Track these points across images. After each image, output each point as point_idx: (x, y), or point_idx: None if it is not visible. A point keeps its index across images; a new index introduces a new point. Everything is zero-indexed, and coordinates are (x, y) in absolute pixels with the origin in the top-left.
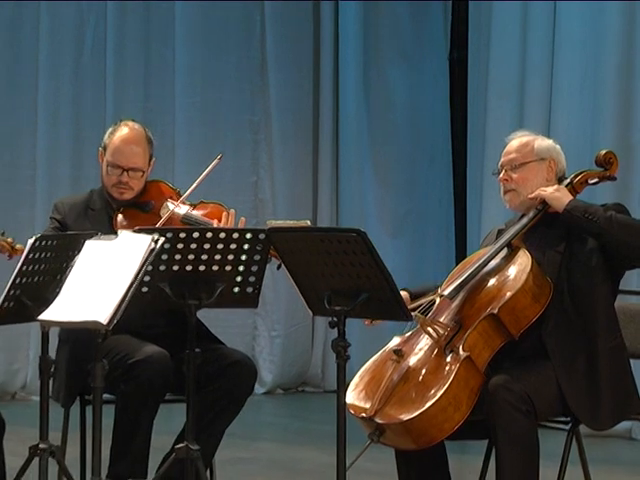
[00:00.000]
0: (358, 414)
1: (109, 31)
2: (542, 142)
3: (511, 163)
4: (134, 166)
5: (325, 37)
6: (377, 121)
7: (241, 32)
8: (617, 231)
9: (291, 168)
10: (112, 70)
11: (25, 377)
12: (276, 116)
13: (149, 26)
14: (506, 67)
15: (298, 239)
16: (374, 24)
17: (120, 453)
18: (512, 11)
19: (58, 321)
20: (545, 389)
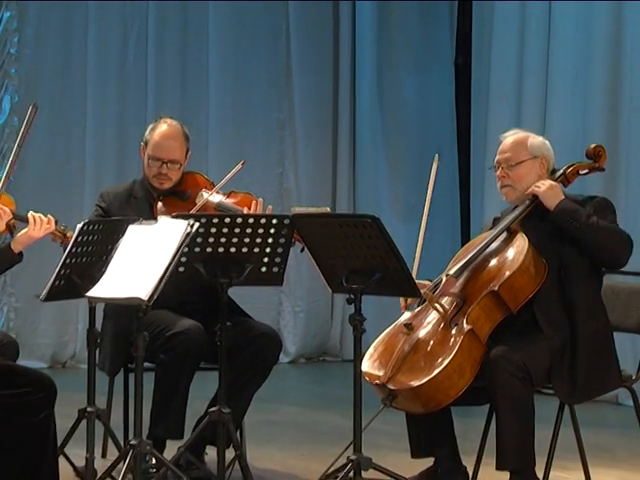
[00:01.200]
0: (372, 381)
1: (150, 39)
2: (534, 140)
3: (507, 162)
4: (172, 159)
5: (343, 44)
6: (390, 119)
7: (268, 39)
8: (596, 238)
9: (313, 161)
10: (152, 73)
11: (74, 348)
12: (299, 114)
13: (186, 34)
14: (505, 71)
15: (319, 224)
16: (387, 33)
17: (159, 416)
18: (510, 21)
19: (104, 297)
20: (539, 359)
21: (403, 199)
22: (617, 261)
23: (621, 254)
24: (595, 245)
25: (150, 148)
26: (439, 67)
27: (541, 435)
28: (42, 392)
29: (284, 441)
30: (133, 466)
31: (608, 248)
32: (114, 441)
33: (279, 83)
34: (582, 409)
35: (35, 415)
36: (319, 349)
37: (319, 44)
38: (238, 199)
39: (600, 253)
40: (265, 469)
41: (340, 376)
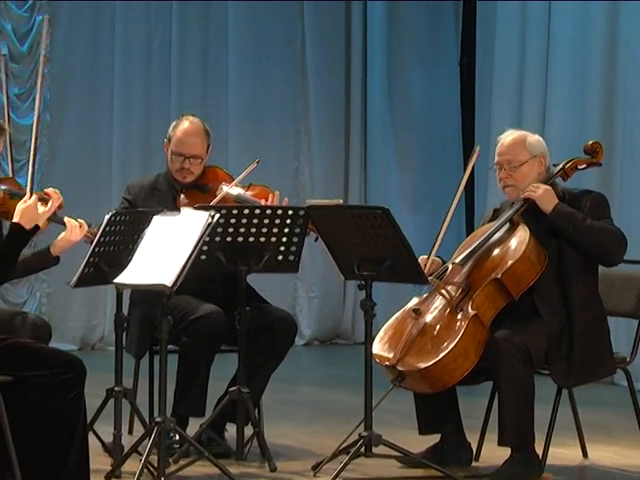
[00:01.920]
0: (382, 362)
1: (173, 41)
2: (532, 140)
3: (509, 164)
4: (194, 154)
5: (355, 46)
6: (398, 116)
7: (284, 41)
8: (591, 240)
9: (326, 156)
10: (175, 73)
11: (103, 331)
12: (314, 112)
13: (207, 36)
14: (507, 71)
15: (332, 215)
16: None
17: (182, 395)
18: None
19: (130, 284)
20: (539, 342)
21: (412, 191)
22: (611, 260)
23: (615, 253)
24: (590, 246)
25: (173, 144)
26: (445, 67)
27: (541, 414)
28: (72, 373)
29: (299, 419)
30: (158, 442)
31: (603, 249)
32: (140, 419)
33: (294, 82)
34: (579, 389)
35: (66, 394)
36: (332, 332)
37: (332, 46)
38: (256, 192)
39: (595, 253)
40: (282, 445)
41: (352, 358)
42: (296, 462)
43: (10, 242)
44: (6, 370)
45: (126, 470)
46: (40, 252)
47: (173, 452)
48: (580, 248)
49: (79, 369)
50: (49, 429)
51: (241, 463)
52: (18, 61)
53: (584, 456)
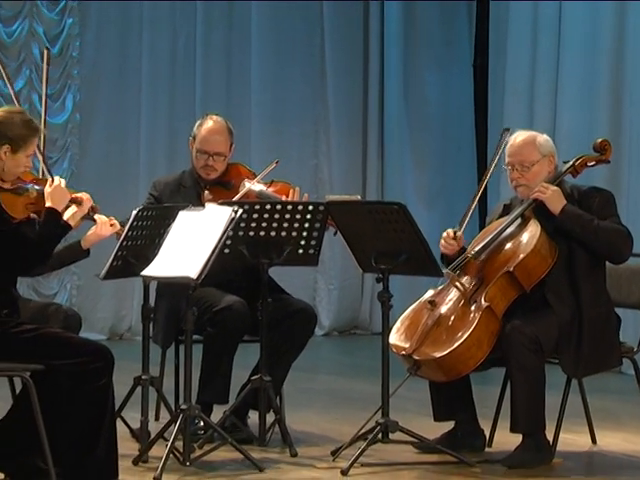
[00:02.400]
0: (399, 352)
1: (198, 43)
2: (541, 140)
3: (522, 164)
4: (218, 151)
5: (372, 48)
6: (414, 115)
7: (305, 43)
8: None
9: (345, 153)
10: (200, 73)
11: (130, 321)
12: (333, 111)
13: (230, 39)
14: (519, 71)
15: (351, 210)
16: (412, 37)
17: (207, 383)
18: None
19: (157, 276)
20: (549, 332)
21: (427, 188)
22: (619, 258)
23: (623, 252)
24: (598, 246)
25: (198, 142)
26: (459, 68)
27: (551, 401)
28: (101, 361)
29: (319, 406)
30: (183, 428)
31: (610, 248)
32: (166, 406)
33: (314, 83)
34: (588, 378)
35: (95, 382)
36: (350, 323)
37: (350, 48)
38: (277, 188)
39: (603, 252)
40: (302, 431)
41: (369, 347)
42: (316, 448)
43: (46, 225)
44: (38, 359)
45: (153, 455)
46: (71, 245)
47: (198, 438)
48: (589, 247)
49: (108, 358)
50: (79, 416)
51: (263, 448)
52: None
53: (593, 442)
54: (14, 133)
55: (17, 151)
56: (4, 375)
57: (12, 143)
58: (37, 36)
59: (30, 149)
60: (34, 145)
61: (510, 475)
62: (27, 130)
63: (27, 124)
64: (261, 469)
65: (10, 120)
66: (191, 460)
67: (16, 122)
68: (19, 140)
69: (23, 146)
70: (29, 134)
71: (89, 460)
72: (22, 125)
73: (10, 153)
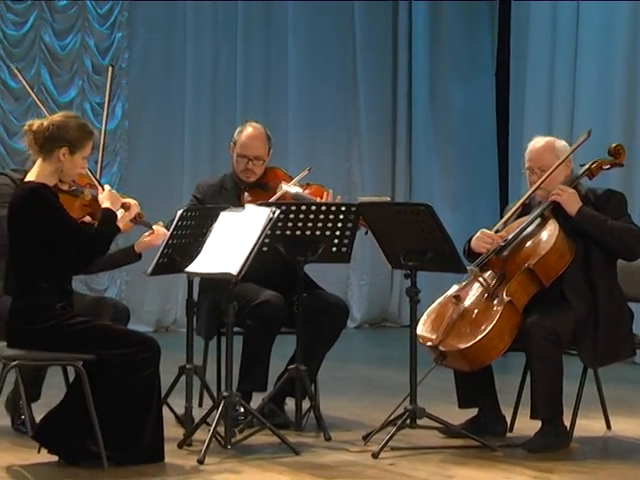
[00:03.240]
0: (426, 343)
1: (238, 55)
2: (559, 146)
3: (541, 169)
4: (257, 155)
5: (401, 60)
6: (440, 123)
7: (338, 56)
8: (613, 239)
9: (375, 158)
10: (241, 83)
11: (175, 314)
12: (364, 119)
13: (268, 51)
14: (539, 81)
15: (381, 211)
16: (438, 50)
17: (246, 372)
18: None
19: (200, 272)
20: (567, 325)
21: (451, 190)
22: (632, 256)
23: (635, 250)
24: (613, 245)
25: (238, 147)
26: (481, 78)
27: (568, 390)
28: (149, 352)
29: (351, 393)
30: (225, 414)
31: (625, 247)
32: (209, 393)
33: (346, 93)
34: (603, 368)
35: (143, 371)
36: (380, 316)
37: (380, 59)
38: (312, 190)
39: (617, 250)
40: (335, 417)
41: (398, 339)
42: (348, 432)
43: (104, 223)
44: (90, 349)
45: (196, 439)
46: (125, 249)
47: (238, 423)
48: (603, 246)
49: (155, 349)
50: (128, 403)
51: (299, 433)
52: (100, 73)
53: (608, 428)
54: (71, 136)
55: (74, 153)
56: (58, 364)
57: (70, 145)
58: (89, 49)
59: (86, 151)
60: (90, 147)
61: (530, 459)
62: (83, 133)
63: (83, 127)
64: (297, 452)
65: (67, 124)
66: (232, 444)
67: (72, 125)
68: (76, 142)
69: (80, 148)
70: (85, 137)
71: (137, 443)
72: (78, 128)
73: (68, 155)
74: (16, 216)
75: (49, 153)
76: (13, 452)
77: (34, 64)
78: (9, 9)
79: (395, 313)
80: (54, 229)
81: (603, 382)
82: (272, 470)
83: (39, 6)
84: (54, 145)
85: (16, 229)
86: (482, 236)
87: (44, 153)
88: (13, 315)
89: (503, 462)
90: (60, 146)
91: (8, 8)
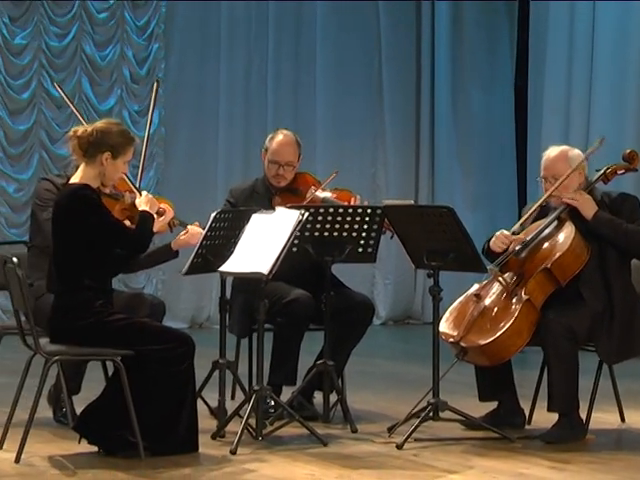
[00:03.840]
0: (448, 339)
1: (269, 66)
2: (572, 154)
3: (555, 177)
4: (288, 161)
5: (424, 70)
6: (461, 129)
7: (364, 67)
8: (628, 241)
9: (399, 162)
10: (272, 92)
11: (209, 312)
12: (388, 126)
13: (298, 62)
14: (556, 90)
15: (405, 213)
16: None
17: (277, 367)
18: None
19: (233, 272)
20: (583, 322)
21: (472, 193)
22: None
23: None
24: (628, 247)
25: (270, 153)
26: (501, 87)
27: (584, 384)
28: (184, 347)
29: (376, 387)
30: (256, 407)
31: (638, 248)
32: (241, 387)
33: (372, 101)
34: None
35: (179, 366)
36: (404, 314)
37: (404, 69)
38: (340, 195)
39: (632, 251)
40: (361, 409)
41: (421, 335)
42: (374, 424)
43: (143, 224)
44: (128, 345)
45: (229, 430)
46: (163, 246)
47: (269, 415)
48: (619, 248)
49: (190, 344)
50: (164, 395)
51: (327, 425)
52: (137, 82)
53: (622, 421)
54: (114, 141)
55: (117, 157)
56: (98, 359)
57: (112, 150)
58: (127, 59)
59: (127, 156)
60: (131, 152)
61: (547, 450)
62: (124, 138)
63: (124, 133)
64: (325, 443)
65: (110, 130)
66: (263, 435)
67: (115, 131)
68: (118, 147)
69: (122, 153)
70: (126, 142)
71: (173, 434)
72: (120, 134)
73: (111, 159)
74: (60, 215)
75: (92, 158)
76: (55, 443)
77: (75, 74)
78: (52, 22)
79: (418, 311)
80: (96, 227)
81: (617, 377)
82: (301, 460)
83: (80, 19)
84: (97, 150)
85: (60, 228)
86: (500, 236)
87: (87, 158)
88: (55, 312)
89: (521, 453)
90: (103, 151)
91: (51, 21)
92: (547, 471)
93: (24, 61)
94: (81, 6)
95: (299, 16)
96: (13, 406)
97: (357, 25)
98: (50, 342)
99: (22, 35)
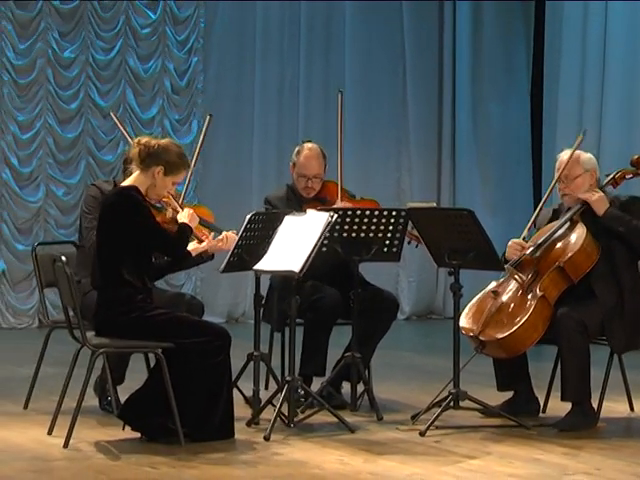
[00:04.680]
0: (467, 333)
1: (301, 78)
2: (584, 158)
3: (567, 177)
4: (315, 174)
5: (446, 82)
6: (481, 137)
7: (389, 79)
8: (637, 238)
9: (422, 168)
10: (303, 103)
11: (244, 307)
12: (412, 134)
13: (327, 76)
14: (570, 99)
15: (427, 215)
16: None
17: (307, 359)
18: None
19: (267, 270)
20: (594, 317)
21: (491, 198)
22: None
23: None
24: (636, 243)
25: (297, 167)
26: (518, 97)
27: (595, 375)
28: (221, 340)
29: (401, 378)
30: (288, 396)
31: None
32: (274, 377)
33: (397, 112)
34: (627, 356)
35: (216, 357)
36: (427, 309)
37: (427, 81)
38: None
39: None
40: (387, 399)
41: (443, 330)
42: (398, 413)
43: (181, 234)
44: (169, 338)
45: (263, 418)
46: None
47: (300, 404)
48: (629, 244)
49: (226, 338)
50: (202, 385)
51: (354, 413)
52: (178, 93)
53: (631, 409)
54: (170, 159)
55: (168, 175)
56: (140, 351)
57: (166, 166)
58: (168, 72)
59: (178, 177)
60: (182, 175)
61: (561, 437)
62: (180, 160)
63: (181, 156)
64: (352, 430)
65: (170, 148)
66: (294, 422)
67: (174, 151)
68: (172, 166)
69: (174, 172)
70: (181, 164)
71: (210, 422)
72: (178, 155)
73: (162, 174)
74: (106, 212)
75: (147, 167)
76: (100, 429)
77: (120, 85)
78: (98, 37)
79: (440, 307)
80: (139, 226)
81: (627, 369)
82: (330, 446)
83: (125, 34)
84: (153, 162)
85: (105, 224)
86: (513, 245)
87: (143, 166)
88: (99, 307)
89: (536, 440)
90: (158, 164)
91: (97, 36)
92: (561, 457)
93: (72, 73)
94: (125, 22)
95: (329, 31)
96: (62, 395)
97: (383, 39)
98: (96, 336)
99: (71, 49)
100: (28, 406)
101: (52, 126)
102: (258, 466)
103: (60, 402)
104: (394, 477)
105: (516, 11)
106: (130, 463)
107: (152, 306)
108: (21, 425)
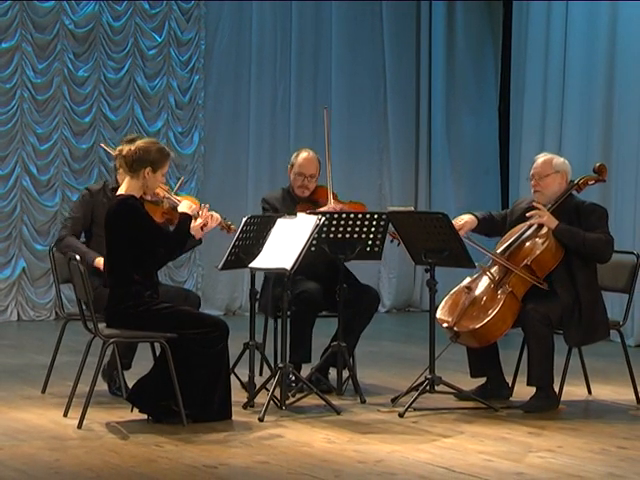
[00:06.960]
0: (443, 324)
1: (292, 94)
2: (557, 160)
3: (539, 175)
4: (312, 173)
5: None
6: (454, 147)
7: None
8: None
9: (401, 175)
10: (294, 116)
11: (241, 301)
12: (392, 145)
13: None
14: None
15: (406, 218)
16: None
17: (295, 347)
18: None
19: (261, 267)
20: (556, 311)
21: (464, 201)
22: (602, 261)
23: (606, 257)
24: (584, 252)
25: (296, 167)
26: (487, 111)
27: (557, 362)
28: (219, 331)
29: (382, 365)
30: (280, 381)
31: (594, 254)
32: (267, 364)
33: (378, 124)
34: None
35: (215, 347)
36: (405, 303)
37: (406, 97)
38: (354, 207)
39: (589, 257)
40: (369, 384)
41: (420, 321)
42: (380, 396)
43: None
44: (173, 329)
45: (257, 401)
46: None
47: (291, 389)
48: (578, 254)
49: (224, 328)
50: (203, 372)
51: (340, 397)
52: (181, 108)
53: (589, 393)
54: (153, 157)
55: (156, 171)
56: (147, 341)
57: (152, 165)
58: (172, 89)
59: (164, 169)
60: (167, 165)
61: (526, 418)
62: (162, 155)
63: (161, 151)
64: (338, 412)
65: (149, 148)
66: (286, 405)
67: (154, 149)
68: (157, 162)
69: (160, 167)
70: (163, 158)
71: (210, 404)
72: (158, 151)
73: (151, 173)
74: (112, 222)
75: (136, 172)
76: (111, 411)
77: (129, 101)
78: (109, 57)
79: (417, 300)
80: (141, 230)
81: (585, 356)
82: (318, 427)
83: (133, 55)
84: (140, 166)
85: (112, 232)
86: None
87: (132, 172)
88: (111, 301)
89: (504, 420)
90: (145, 166)
91: (109, 56)
92: (526, 435)
93: (86, 90)
94: (134, 44)
95: (317, 54)
96: (76, 381)
97: (365, 61)
98: (106, 327)
99: (84, 68)
100: (46, 390)
101: (67, 138)
102: (253, 444)
103: (74, 387)
104: (376, 454)
105: (485, 35)
106: (138, 442)
107: (158, 300)
108: (39, 408)
